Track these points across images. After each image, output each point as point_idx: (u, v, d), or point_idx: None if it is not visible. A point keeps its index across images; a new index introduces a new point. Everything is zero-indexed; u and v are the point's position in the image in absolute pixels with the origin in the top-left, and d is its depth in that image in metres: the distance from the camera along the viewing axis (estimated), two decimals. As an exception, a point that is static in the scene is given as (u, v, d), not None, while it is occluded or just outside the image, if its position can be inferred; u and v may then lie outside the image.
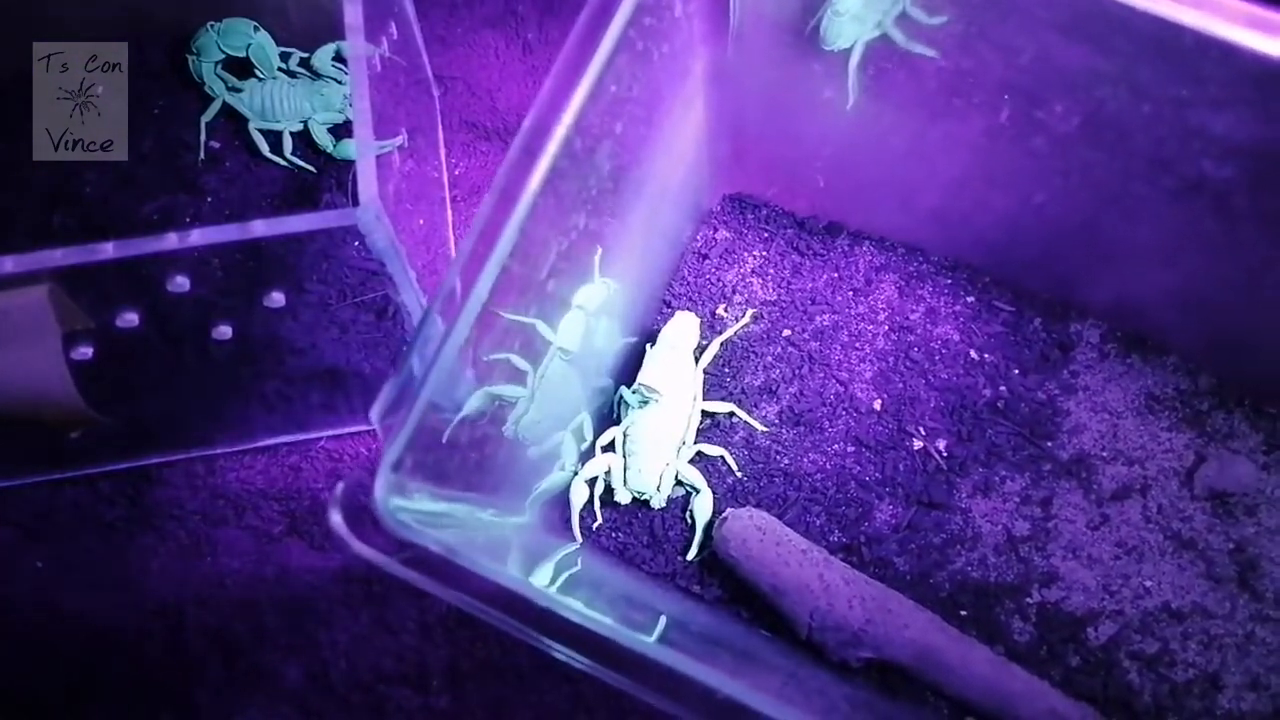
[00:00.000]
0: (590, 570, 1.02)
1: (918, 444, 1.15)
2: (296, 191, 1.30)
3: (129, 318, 1.00)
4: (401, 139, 1.19)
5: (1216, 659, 1.06)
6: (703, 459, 1.15)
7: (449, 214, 1.34)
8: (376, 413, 0.80)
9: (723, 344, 1.19)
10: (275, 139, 1.31)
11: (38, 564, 1.20)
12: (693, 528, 1.12)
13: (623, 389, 1.15)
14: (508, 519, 1.05)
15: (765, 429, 1.16)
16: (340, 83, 1.32)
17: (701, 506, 1.12)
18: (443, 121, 1.38)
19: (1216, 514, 1.12)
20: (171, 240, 0.93)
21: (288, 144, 1.31)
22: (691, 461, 1.14)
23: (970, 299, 1.22)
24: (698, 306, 1.23)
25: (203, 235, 0.93)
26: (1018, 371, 1.18)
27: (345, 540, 0.76)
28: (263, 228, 0.93)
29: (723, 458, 1.15)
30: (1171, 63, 0.90)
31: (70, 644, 1.17)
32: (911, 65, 1.03)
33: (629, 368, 1.17)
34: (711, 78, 1.13)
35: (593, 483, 1.13)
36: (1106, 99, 0.98)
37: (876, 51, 1.04)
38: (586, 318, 1.06)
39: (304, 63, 1.34)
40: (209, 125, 1.32)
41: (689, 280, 1.24)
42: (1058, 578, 1.09)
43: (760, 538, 1.06)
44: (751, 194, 1.28)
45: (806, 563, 1.05)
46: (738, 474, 1.14)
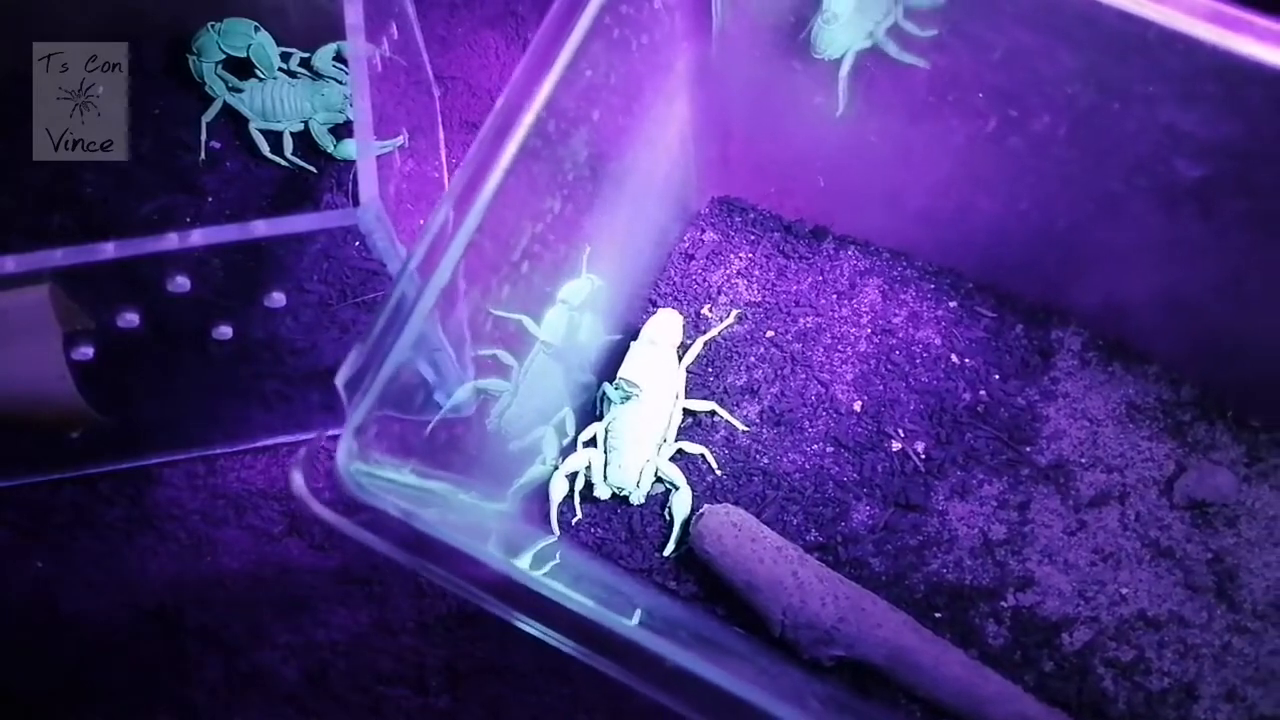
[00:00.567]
0: (568, 563, 1.03)
1: (896, 446, 1.16)
2: (296, 191, 1.32)
3: (129, 318, 1.01)
4: (401, 139, 1.21)
5: (1193, 669, 1.06)
6: (683, 457, 1.16)
7: (449, 214, 1.37)
8: (342, 377, 0.80)
9: (706, 343, 1.21)
10: (275, 139, 1.33)
11: (37, 564, 1.22)
12: (671, 524, 1.13)
13: (605, 384, 1.16)
14: (489, 505, 1.06)
15: (746, 428, 1.17)
16: (340, 83, 1.33)
17: (680, 503, 1.13)
18: (443, 121, 1.39)
19: (1195, 524, 1.12)
20: (171, 240, 0.94)
21: (288, 144, 1.32)
22: (672, 459, 1.15)
23: (953, 304, 1.23)
24: (683, 306, 1.25)
25: (203, 235, 0.94)
26: (998, 377, 1.19)
27: (304, 501, 0.77)
28: (263, 228, 0.95)
29: (703, 456, 1.16)
30: (1137, 59, 0.91)
31: (69, 644, 1.19)
32: (898, 72, 1.05)
33: (613, 365, 1.18)
34: (696, 77, 1.14)
35: (573, 477, 1.14)
36: (1079, 96, 0.99)
37: (863, 58, 1.05)
38: (570, 312, 1.08)
39: (304, 63, 1.35)
40: (209, 125, 1.33)
41: (675, 280, 1.26)
42: (1033, 582, 1.10)
43: (736, 534, 1.07)
44: (739, 197, 1.29)
45: (781, 560, 1.06)
46: (717, 472, 1.16)
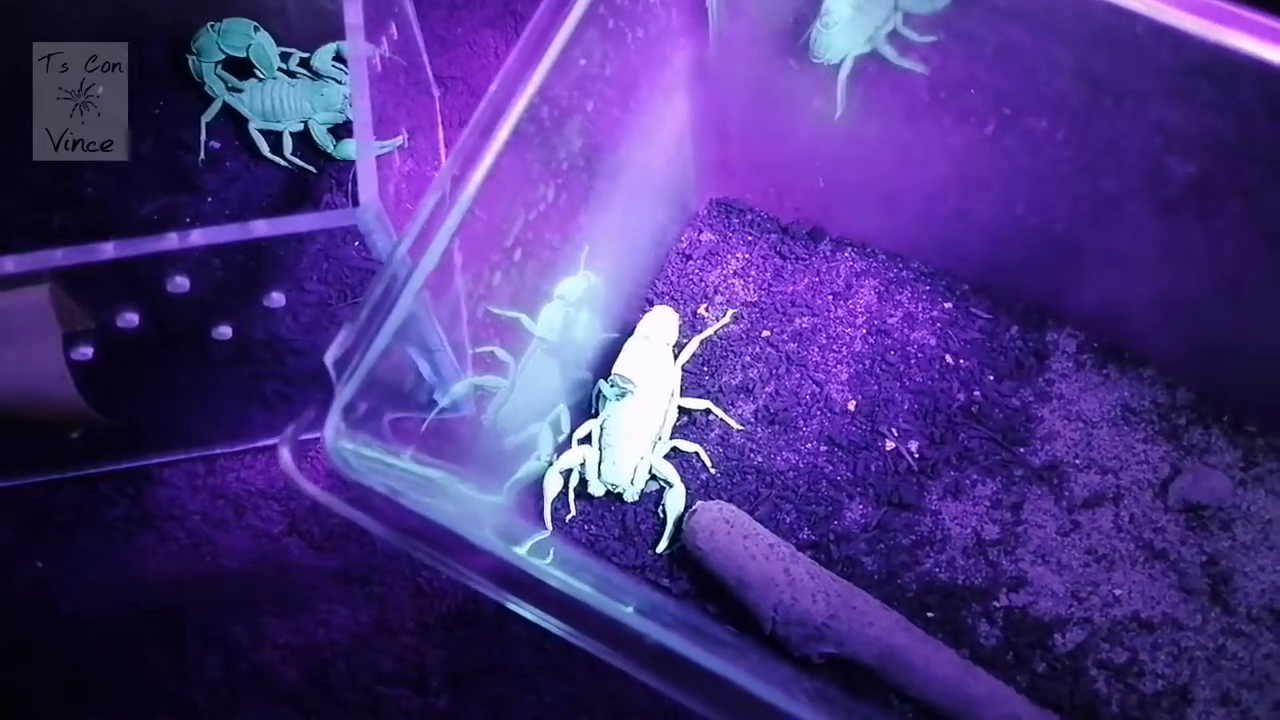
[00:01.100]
0: (560, 559, 1.03)
1: (890, 445, 1.19)
2: (296, 191, 1.34)
3: (129, 318, 1.03)
4: (401, 139, 1.24)
5: (1186, 671, 1.08)
6: (677, 455, 1.19)
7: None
8: (331, 356, 0.82)
9: (702, 343, 1.23)
10: (275, 139, 1.35)
11: (38, 564, 1.23)
12: (664, 522, 1.16)
13: (600, 381, 1.19)
14: (485, 497, 1.08)
15: (741, 427, 1.20)
16: (340, 83, 1.35)
17: (674, 501, 1.15)
18: (442, 121, 1.42)
19: (1190, 526, 1.14)
20: (171, 240, 0.96)
21: (288, 144, 1.34)
22: (666, 457, 1.18)
23: (948, 305, 1.25)
24: (680, 305, 1.28)
25: (203, 235, 0.96)
26: (992, 377, 1.21)
27: (291, 477, 0.79)
28: (263, 228, 0.97)
29: (697, 454, 1.18)
30: (1127, 54, 0.93)
31: (69, 644, 1.20)
32: (895, 75, 1.07)
33: (610, 363, 1.21)
34: (694, 77, 1.17)
35: (567, 474, 1.17)
36: (1070, 94, 1.01)
37: (862, 62, 1.08)
38: (566, 308, 1.11)
39: (304, 63, 1.38)
40: (209, 125, 1.35)
41: (672, 280, 1.29)
42: (1026, 582, 1.12)
43: (728, 530, 1.10)
44: (737, 199, 1.32)
45: (773, 556, 1.08)
46: (711, 470, 1.18)
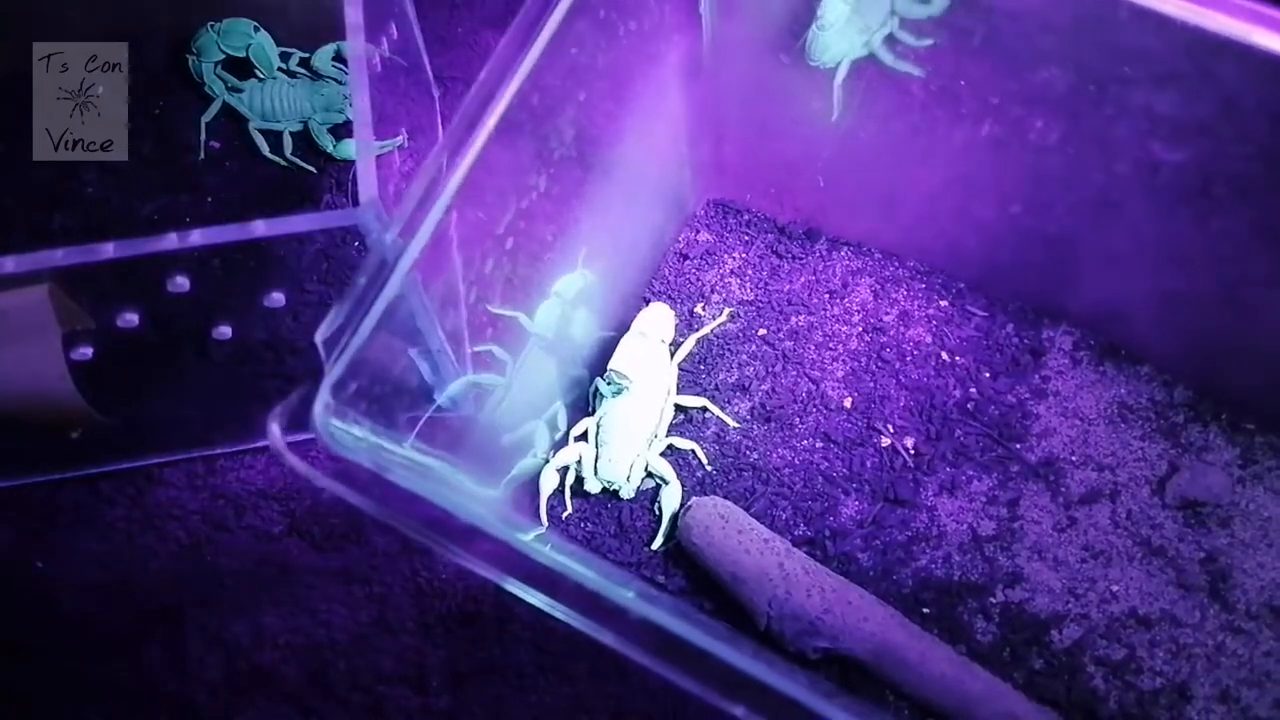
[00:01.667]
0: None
1: (886, 442, 1.21)
2: (296, 191, 1.37)
3: (129, 318, 1.05)
4: (401, 139, 1.27)
5: (1185, 668, 1.10)
6: (673, 452, 1.22)
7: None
8: (321, 334, 0.84)
9: (699, 341, 1.27)
10: (275, 139, 1.38)
11: (38, 564, 1.25)
12: (660, 519, 1.18)
13: (597, 379, 1.22)
14: (482, 490, 1.09)
15: (737, 424, 1.23)
16: (340, 83, 1.39)
17: (670, 498, 1.18)
18: (442, 121, 1.44)
19: (1188, 523, 1.16)
20: (171, 240, 0.97)
21: (288, 144, 1.37)
22: (662, 454, 1.21)
23: (944, 303, 1.29)
24: (676, 304, 1.31)
25: (203, 235, 0.97)
26: (988, 374, 1.24)
27: (279, 452, 0.81)
28: (263, 228, 0.98)
29: (693, 451, 1.21)
30: (1111, 39, 0.95)
31: (70, 644, 1.21)
32: (893, 77, 1.10)
33: (606, 362, 1.23)
34: (690, 76, 1.20)
35: (564, 471, 1.19)
36: (1057, 80, 1.02)
37: (859, 65, 1.10)
38: (563, 305, 1.14)
39: (304, 63, 1.41)
40: (209, 125, 1.38)
41: (669, 279, 1.33)
42: (1023, 578, 1.14)
43: (723, 525, 1.12)
44: (734, 199, 1.36)
45: (768, 551, 1.11)
46: (707, 467, 1.21)
